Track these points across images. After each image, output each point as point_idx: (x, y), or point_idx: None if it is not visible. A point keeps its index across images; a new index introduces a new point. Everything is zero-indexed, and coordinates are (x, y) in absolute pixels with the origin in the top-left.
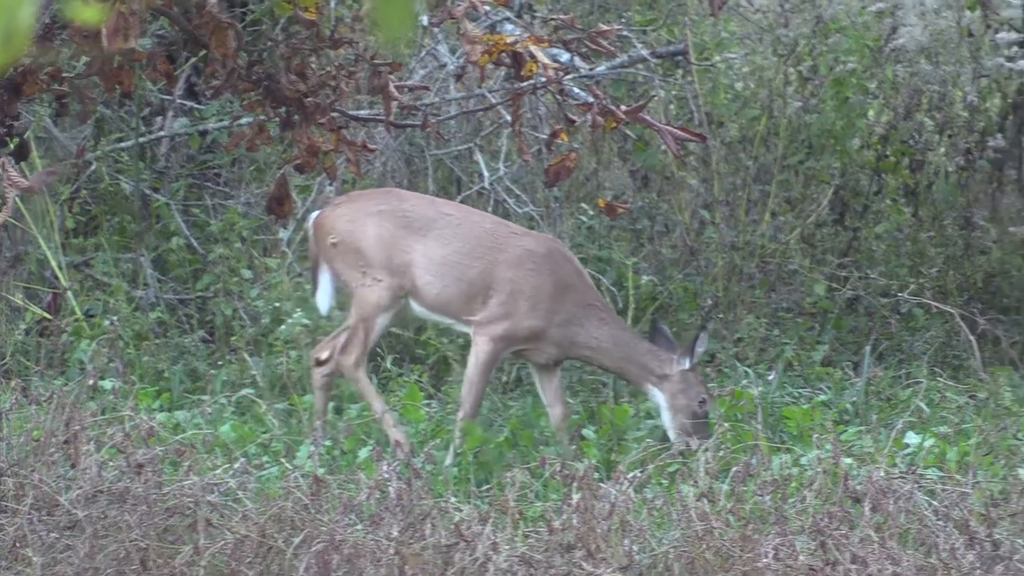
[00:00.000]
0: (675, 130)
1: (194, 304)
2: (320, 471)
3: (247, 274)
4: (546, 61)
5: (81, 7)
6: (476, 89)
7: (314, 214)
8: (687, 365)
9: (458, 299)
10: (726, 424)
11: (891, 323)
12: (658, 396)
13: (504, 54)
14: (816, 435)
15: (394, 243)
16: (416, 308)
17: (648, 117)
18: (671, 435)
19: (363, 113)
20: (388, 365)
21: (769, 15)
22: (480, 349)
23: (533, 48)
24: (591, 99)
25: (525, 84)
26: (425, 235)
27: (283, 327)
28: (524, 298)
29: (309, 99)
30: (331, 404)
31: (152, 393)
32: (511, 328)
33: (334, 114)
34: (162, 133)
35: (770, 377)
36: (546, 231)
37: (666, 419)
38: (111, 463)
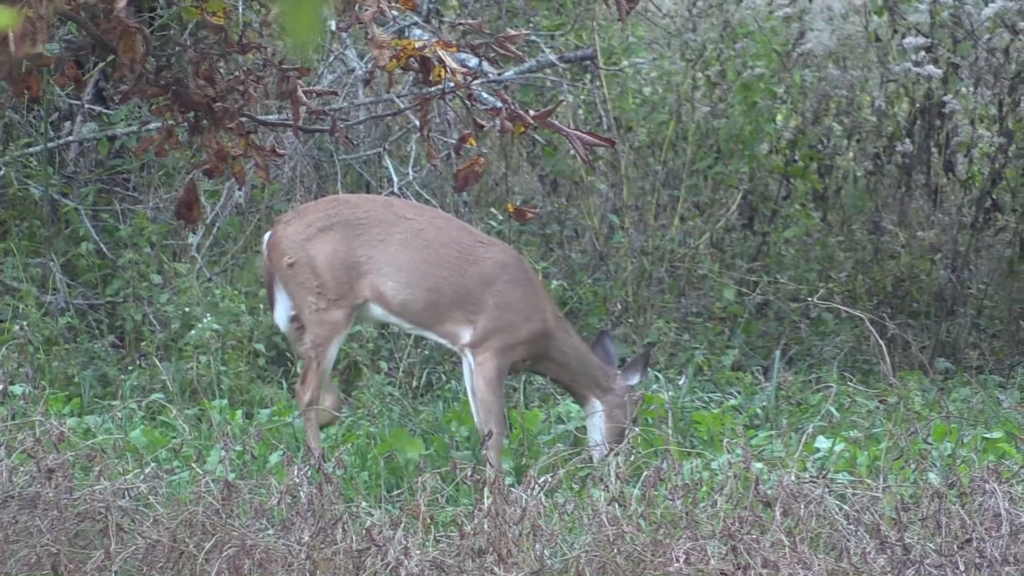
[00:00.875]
0: (583, 135)
1: (104, 309)
2: (231, 476)
3: (157, 279)
4: (454, 66)
5: None
6: (384, 94)
7: (267, 235)
8: (634, 381)
9: (423, 306)
10: (637, 429)
11: (801, 328)
12: (597, 406)
13: (412, 59)
14: (726, 440)
15: (350, 254)
16: (377, 312)
17: (556, 122)
18: (597, 440)
19: (272, 118)
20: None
21: (677, 20)
22: (484, 368)
23: (441, 53)
24: (499, 104)
25: (433, 89)
26: (384, 239)
27: (193, 332)
28: (513, 310)
29: (218, 104)
30: (244, 409)
31: (62, 398)
32: (510, 340)
33: (243, 119)
34: (71, 138)
35: (680, 382)
36: None
37: (598, 427)
38: (22, 468)
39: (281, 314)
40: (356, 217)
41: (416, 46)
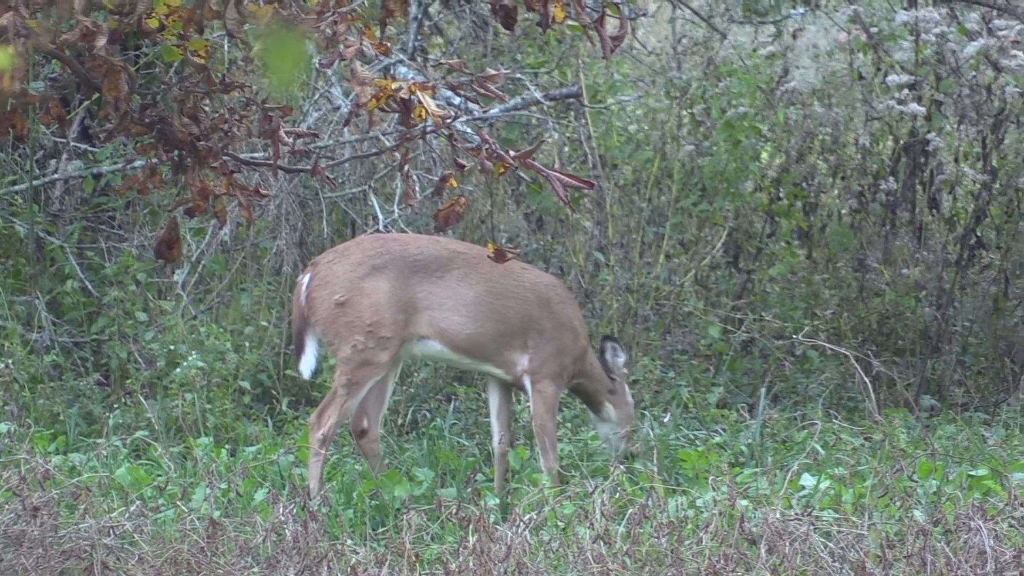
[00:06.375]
0: (563, 177)
1: (89, 347)
2: (216, 514)
3: (142, 317)
4: (433, 108)
5: None
6: (368, 132)
7: (306, 277)
8: (621, 361)
9: (492, 339)
10: (622, 466)
11: (786, 365)
12: (611, 411)
13: (392, 99)
14: (712, 477)
15: (407, 291)
16: (433, 348)
17: (537, 163)
18: (617, 442)
19: (257, 156)
20: (284, 407)
21: (662, 57)
22: (545, 395)
23: (420, 94)
24: (482, 144)
25: (414, 129)
26: (443, 276)
27: (178, 369)
28: (567, 330)
29: (201, 142)
30: (230, 447)
31: (47, 436)
32: (564, 362)
33: (225, 158)
34: (56, 176)
35: (665, 419)
36: None
37: (615, 431)
38: (7, 506)
39: (308, 362)
40: (409, 253)
41: (393, 87)
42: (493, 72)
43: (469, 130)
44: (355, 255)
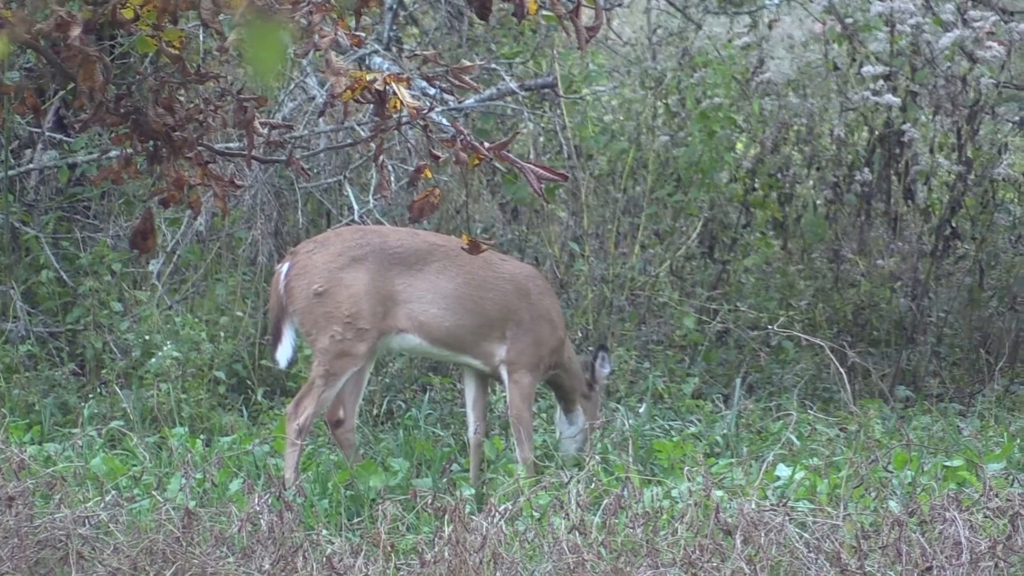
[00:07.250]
0: (538, 168)
1: (64, 337)
2: (191, 504)
3: (117, 307)
4: (408, 100)
5: None
6: (343, 122)
7: (284, 266)
8: (596, 387)
9: (471, 332)
10: (597, 456)
11: (761, 356)
12: (580, 416)
13: (367, 90)
14: (687, 468)
15: (386, 284)
16: (412, 342)
17: (511, 155)
18: (573, 448)
19: (232, 146)
20: (259, 398)
21: (637, 48)
22: (521, 385)
23: (395, 85)
24: (456, 134)
25: (389, 120)
26: (422, 269)
27: (153, 360)
28: (546, 320)
29: (176, 133)
30: (206, 437)
31: (23, 426)
32: (541, 353)
33: (200, 148)
34: (31, 166)
35: (640, 409)
36: None
37: (576, 434)
38: None
39: (284, 351)
40: (388, 246)
41: (368, 79)
42: (468, 63)
43: (444, 121)
44: (335, 246)
